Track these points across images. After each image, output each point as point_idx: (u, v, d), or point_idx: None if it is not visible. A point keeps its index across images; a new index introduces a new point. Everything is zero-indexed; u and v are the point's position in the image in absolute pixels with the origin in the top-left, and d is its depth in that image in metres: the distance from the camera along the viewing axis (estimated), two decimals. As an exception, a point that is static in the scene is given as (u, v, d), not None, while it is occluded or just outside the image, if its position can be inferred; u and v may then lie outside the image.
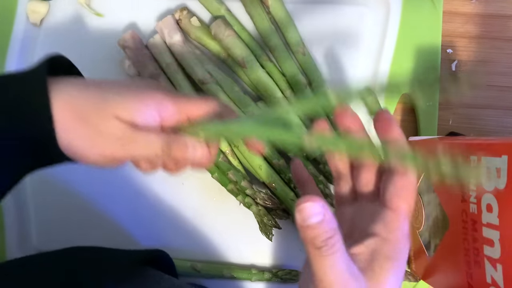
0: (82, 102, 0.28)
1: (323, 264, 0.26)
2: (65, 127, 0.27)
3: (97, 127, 0.28)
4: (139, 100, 0.29)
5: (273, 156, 0.44)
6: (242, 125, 0.30)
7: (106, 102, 0.28)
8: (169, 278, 0.36)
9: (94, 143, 0.28)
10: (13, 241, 0.46)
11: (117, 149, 0.28)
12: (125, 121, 0.28)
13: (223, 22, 0.44)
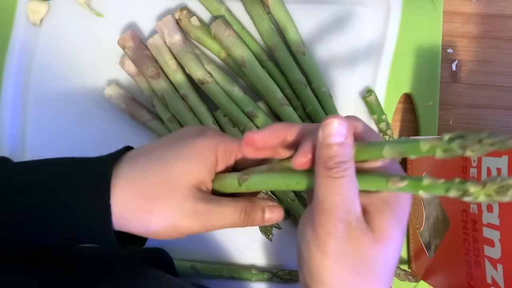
0: (141, 183, 0.28)
1: (330, 186, 0.24)
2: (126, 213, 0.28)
3: (168, 201, 0.27)
4: (197, 153, 0.28)
5: (273, 156, 0.44)
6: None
7: (167, 171, 0.28)
8: (170, 277, 0.36)
9: (165, 219, 0.28)
10: (13, 241, 0.46)
11: (193, 224, 0.28)
12: (196, 182, 0.28)
13: (223, 22, 0.44)
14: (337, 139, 0.24)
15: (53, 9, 0.47)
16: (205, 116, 0.44)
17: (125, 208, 0.27)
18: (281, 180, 0.28)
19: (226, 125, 0.44)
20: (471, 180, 0.23)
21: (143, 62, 0.44)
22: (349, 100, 0.46)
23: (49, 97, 0.47)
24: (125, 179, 0.28)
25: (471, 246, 0.32)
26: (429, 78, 0.46)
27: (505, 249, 0.29)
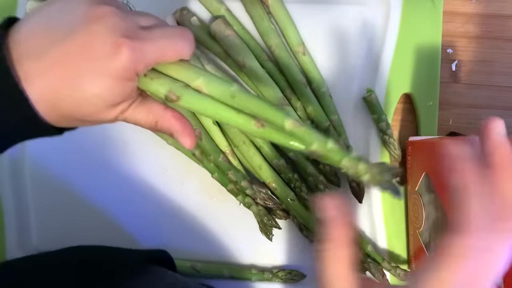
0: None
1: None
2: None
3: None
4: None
5: (273, 156, 0.44)
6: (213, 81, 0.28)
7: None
8: (173, 274, 0.37)
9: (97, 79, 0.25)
10: (13, 241, 0.46)
11: (120, 89, 0.26)
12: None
13: (223, 22, 0.44)
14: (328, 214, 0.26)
15: (53, 9, 0.47)
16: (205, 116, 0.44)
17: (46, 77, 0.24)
18: (228, 114, 0.29)
19: (226, 125, 0.44)
20: (365, 160, 0.27)
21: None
22: (349, 100, 0.46)
23: (49, 97, 0.47)
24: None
25: (471, 246, 0.32)
26: (429, 78, 0.46)
27: (505, 249, 0.29)
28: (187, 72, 0.28)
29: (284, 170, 0.44)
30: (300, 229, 0.45)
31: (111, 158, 0.47)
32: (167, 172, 0.47)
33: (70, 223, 0.47)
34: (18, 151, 0.47)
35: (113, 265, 0.36)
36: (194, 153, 0.44)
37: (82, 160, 0.47)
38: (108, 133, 0.47)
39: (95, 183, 0.47)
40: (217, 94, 0.28)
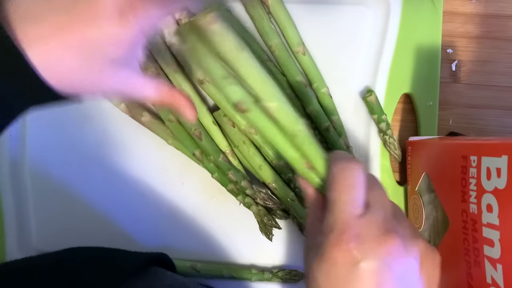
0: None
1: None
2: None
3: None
4: None
5: (273, 156, 0.44)
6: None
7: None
8: (172, 274, 0.37)
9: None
10: (13, 241, 0.46)
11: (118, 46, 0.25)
12: None
13: (223, 22, 0.44)
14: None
15: (53, 9, 0.47)
16: (205, 116, 0.44)
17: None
18: (285, 145, 0.30)
19: (226, 125, 0.44)
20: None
21: (143, 62, 0.44)
22: (349, 100, 0.46)
23: (49, 97, 0.47)
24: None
25: (471, 246, 0.33)
26: (429, 78, 0.46)
27: (505, 249, 0.29)
28: (266, 89, 0.28)
29: (284, 170, 0.44)
30: (300, 229, 0.45)
31: (111, 158, 0.47)
32: (167, 172, 0.47)
33: (69, 223, 0.47)
34: (18, 151, 0.47)
35: (113, 267, 0.36)
36: (194, 153, 0.44)
37: (81, 161, 0.47)
38: (108, 133, 0.47)
39: (95, 184, 0.47)
40: (283, 123, 0.29)
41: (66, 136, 0.47)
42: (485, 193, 0.31)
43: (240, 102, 0.28)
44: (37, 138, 0.47)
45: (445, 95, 0.47)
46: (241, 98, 0.28)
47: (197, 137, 0.43)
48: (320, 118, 0.44)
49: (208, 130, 0.44)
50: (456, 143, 0.36)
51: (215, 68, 0.28)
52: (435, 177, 0.39)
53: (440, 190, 0.38)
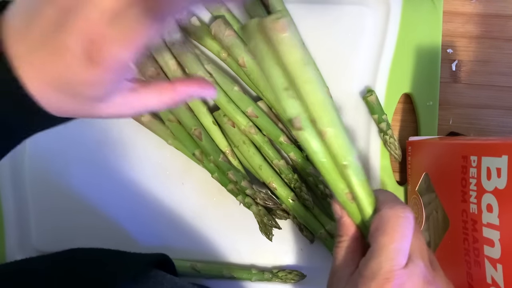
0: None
1: (333, 251, 0.32)
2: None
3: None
4: None
5: (273, 156, 0.44)
6: None
7: None
8: (171, 277, 0.37)
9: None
10: (13, 241, 0.46)
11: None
12: None
13: (223, 22, 0.44)
14: (336, 215, 0.32)
15: (53, 9, 0.47)
16: (205, 116, 0.44)
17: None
18: (332, 173, 0.29)
19: (226, 125, 0.44)
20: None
21: (143, 62, 0.44)
22: (349, 100, 0.46)
23: (49, 97, 0.47)
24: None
25: (471, 246, 0.32)
26: (429, 78, 0.46)
27: (505, 249, 0.29)
28: (325, 112, 0.27)
29: (284, 170, 0.44)
30: (300, 229, 0.45)
31: (111, 158, 0.47)
32: (167, 172, 0.47)
33: (69, 223, 0.47)
34: (18, 151, 0.47)
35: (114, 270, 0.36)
36: (194, 153, 0.44)
37: (81, 161, 0.47)
38: (108, 133, 0.47)
39: (95, 184, 0.47)
40: (335, 150, 0.28)
41: (66, 136, 0.47)
42: (485, 193, 0.31)
43: (297, 119, 0.26)
44: (37, 138, 0.47)
45: (445, 95, 0.47)
46: (299, 114, 0.27)
47: (197, 137, 0.43)
48: (320, 118, 0.44)
49: (208, 130, 0.44)
50: (456, 143, 0.36)
51: (277, 76, 0.26)
52: (435, 177, 0.39)
53: (440, 190, 0.38)
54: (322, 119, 0.27)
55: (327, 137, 0.27)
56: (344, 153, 0.28)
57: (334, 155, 0.28)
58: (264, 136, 0.44)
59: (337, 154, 0.28)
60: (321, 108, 0.27)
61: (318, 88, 0.26)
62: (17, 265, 0.37)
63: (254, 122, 0.44)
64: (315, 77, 0.26)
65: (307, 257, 0.46)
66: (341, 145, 0.27)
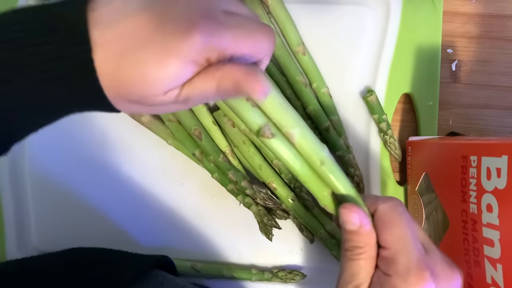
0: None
1: (345, 265, 0.28)
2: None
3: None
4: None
5: (273, 156, 0.44)
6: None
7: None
8: (172, 278, 0.37)
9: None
10: (13, 240, 0.46)
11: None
12: None
13: (223, 22, 0.44)
14: (350, 227, 0.28)
15: (53, 9, 0.47)
16: (205, 116, 0.44)
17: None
18: (308, 174, 0.29)
19: (226, 125, 0.44)
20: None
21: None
22: (349, 100, 0.46)
23: (49, 97, 0.47)
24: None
25: (471, 246, 0.33)
26: (429, 78, 0.46)
27: (505, 249, 0.29)
28: (286, 115, 0.26)
29: (284, 170, 0.44)
30: (300, 229, 0.45)
31: (111, 158, 0.47)
32: (167, 172, 0.47)
33: (69, 222, 0.47)
34: (18, 151, 0.47)
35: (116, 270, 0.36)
36: (194, 153, 0.44)
37: (81, 160, 0.47)
38: (108, 133, 0.47)
39: (95, 183, 0.47)
40: (306, 150, 0.27)
41: (66, 136, 0.47)
42: (485, 193, 0.31)
43: (266, 126, 0.26)
44: (37, 138, 0.47)
45: (445, 95, 0.47)
46: (264, 123, 0.26)
47: (197, 137, 0.43)
48: (320, 118, 0.44)
49: (208, 130, 0.44)
50: (456, 143, 0.36)
51: None
52: (435, 177, 0.39)
53: (440, 190, 0.38)
54: (286, 121, 0.26)
55: (296, 138, 0.27)
56: (316, 151, 0.27)
57: (308, 156, 0.27)
58: (264, 136, 0.44)
59: (310, 154, 0.27)
60: (281, 110, 0.26)
61: (274, 91, 0.26)
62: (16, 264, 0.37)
63: (254, 122, 0.44)
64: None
65: (307, 257, 0.46)
66: (310, 144, 0.27)
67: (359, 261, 0.28)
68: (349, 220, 0.28)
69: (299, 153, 0.28)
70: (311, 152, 0.27)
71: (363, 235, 0.28)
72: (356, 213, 0.28)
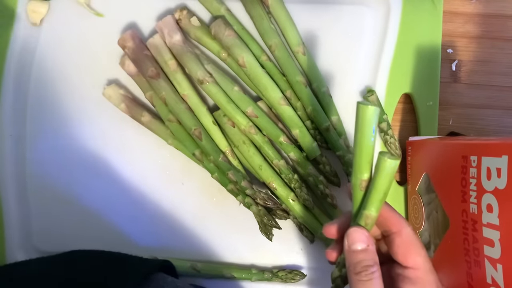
0: None
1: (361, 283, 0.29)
2: None
3: None
4: None
5: (273, 156, 0.44)
6: None
7: None
8: (173, 280, 0.36)
9: None
10: (13, 240, 0.46)
11: None
12: None
13: (223, 22, 0.44)
14: (360, 247, 0.29)
15: (53, 9, 0.47)
16: (205, 116, 0.44)
17: None
18: None
19: (226, 125, 0.44)
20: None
21: (143, 62, 0.44)
22: (349, 100, 0.46)
23: (49, 97, 0.47)
24: None
25: (471, 246, 0.32)
26: (429, 78, 0.46)
27: (505, 249, 0.29)
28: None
29: (284, 170, 0.44)
30: (300, 229, 0.45)
31: (111, 158, 0.47)
32: (167, 172, 0.47)
33: (69, 223, 0.47)
34: (18, 151, 0.47)
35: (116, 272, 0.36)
36: (194, 153, 0.44)
37: (81, 160, 0.47)
38: (108, 133, 0.47)
39: (94, 183, 0.47)
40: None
41: (66, 136, 0.47)
42: (485, 193, 0.31)
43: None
44: (37, 138, 0.47)
45: (445, 95, 0.47)
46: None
47: (197, 137, 0.43)
48: (320, 118, 0.44)
49: (208, 130, 0.44)
50: (456, 143, 0.36)
51: None
52: (435, 177, 0.39)
53: (440, 190, 0.38)
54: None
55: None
56: None
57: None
58: (264, 136, 0.44)
59: None
60: None
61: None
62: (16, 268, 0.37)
63: (254, 122, 0.44)
64: None
65: (307, 257, 0.46)
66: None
67: (373, 280, 0.28)
68: (360, 240, 0.29)
69: None
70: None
71: (372, 253, 0.29)
72: (364, 235, 0.29)
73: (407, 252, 0.30)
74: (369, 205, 0.29)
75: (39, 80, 0.47)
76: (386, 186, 0.29)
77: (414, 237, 0.30)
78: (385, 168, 0.29)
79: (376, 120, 0.30)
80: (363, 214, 0.30)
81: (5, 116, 0.47)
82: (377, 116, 0.30)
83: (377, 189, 0.29)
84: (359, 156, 0.30)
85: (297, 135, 0.44)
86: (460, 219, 0.34)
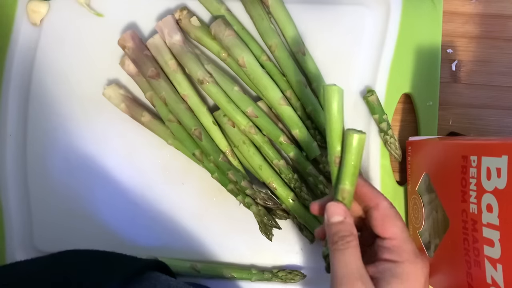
0: None
1: (337, 258, 0.31)
2: None
3: None
4: None
5: (273, 156, 0.44)
6: None
7: None
8: (166, 278, 0.36)
9: None
10: (13, 240, 0.46)
11: None
12: None
13: (223, 22, 0.44)
14: (337, 219, 0.32)
15: (53, 9, 0.47)
16: (205, 116, 0.44)
17: None
18: None
19: (226, 125, 0.44)
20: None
21: (143, 62, 0.44)
22: (349, 100, 0.46)
23: (49, 97, 0.47)
24: None
25: (471, 246, 0.32)
26: (429, 78, 0.46)
27: (505, 249, 0.29)
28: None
29: (284, 170, 0.44)
30: (300, 229, 0.45)
31: (111, 158, 0.47)
32: (167, 172, 0.47)
33: (69, 223, 0.47)
34: (18, 151, 0.47)
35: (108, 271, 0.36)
36: (194, 153, 0.44)
37: (81, 160, 0.47)
38: (108, 133, 0.47)
39: (95, 183, 0.47)
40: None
41: (66, 136, 0.47)
42: (485, 193, 0.31)
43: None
44: (37, 138, 0.47)
45: (445, 95, 0.47)
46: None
47: (197, 137, 0.43)
48: (320, 118, 0.44)
49: (208, 130, 0.44)
50: (456, 143, 0.36)
51: None
52: (435, 177, 0.39)
53: (440, 190, 0.38)
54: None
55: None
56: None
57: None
58: (264, 136, 0.44)
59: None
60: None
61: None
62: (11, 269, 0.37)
63: (254, 122, 0.44)
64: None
65: (307, 257, 0.46)
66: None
67: (349, 249, 0.31)
68: (336, 213, 0.32)
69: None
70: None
71: (349, 224, 0.32)
72: (341, 209, 0.32)
73: (384, 223, 0.32)
74: (343, 180, 0.32)
75: (39, 80, 0.47)
76: (356, 160, 0.31)
77: (390, 210, 0.33)
78: (352, 143, 0.31)
79: (341, 99, 0.32)
80: (339, 188, 0.32)
81: (5, 116, 0.47)
82: (340, 94, 0.32)
83: (348, 164, 0.32)
84: (329, 134, 0.33)
85: (297, 135, 0.44)
86: (460, 219, 0.34)
